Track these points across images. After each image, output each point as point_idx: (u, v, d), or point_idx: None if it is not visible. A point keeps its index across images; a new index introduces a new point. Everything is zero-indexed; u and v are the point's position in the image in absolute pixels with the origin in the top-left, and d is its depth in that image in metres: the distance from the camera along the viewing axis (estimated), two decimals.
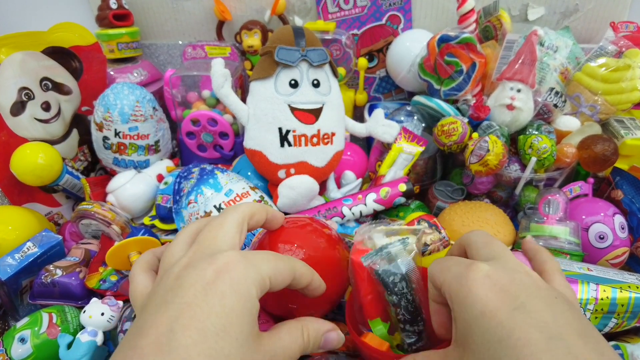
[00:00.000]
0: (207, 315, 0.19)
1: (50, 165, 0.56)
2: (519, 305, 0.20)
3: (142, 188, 0.60)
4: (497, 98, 0.58)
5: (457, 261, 0.24)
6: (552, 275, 0.25)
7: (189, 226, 0.27)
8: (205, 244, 0.23)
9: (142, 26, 0.81)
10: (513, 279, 0.22)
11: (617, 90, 0.59)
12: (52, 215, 0.62)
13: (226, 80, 0.53)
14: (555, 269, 0.26)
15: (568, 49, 0.63)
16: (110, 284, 0.50)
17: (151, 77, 0.77)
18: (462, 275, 0.22)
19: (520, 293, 0.21)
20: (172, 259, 0.24)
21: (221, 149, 0.67)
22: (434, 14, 0.75)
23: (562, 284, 0.25)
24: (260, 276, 0.22)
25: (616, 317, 0.39)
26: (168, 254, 0.25)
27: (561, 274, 0.25)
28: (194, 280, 0.20)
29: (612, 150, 0.52)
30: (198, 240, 0.24)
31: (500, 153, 0.52)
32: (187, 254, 0.23)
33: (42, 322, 0.43)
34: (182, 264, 0.22)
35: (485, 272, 0.22)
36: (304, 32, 0.52)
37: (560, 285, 0.24)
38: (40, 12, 0.83)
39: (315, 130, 0.53)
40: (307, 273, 0.26)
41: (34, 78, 0.57)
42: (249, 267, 0.22)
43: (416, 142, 0.59)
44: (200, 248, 0.23)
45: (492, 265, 0.23)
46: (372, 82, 0.81)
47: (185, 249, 0.25)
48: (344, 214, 0.56)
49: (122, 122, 0.59)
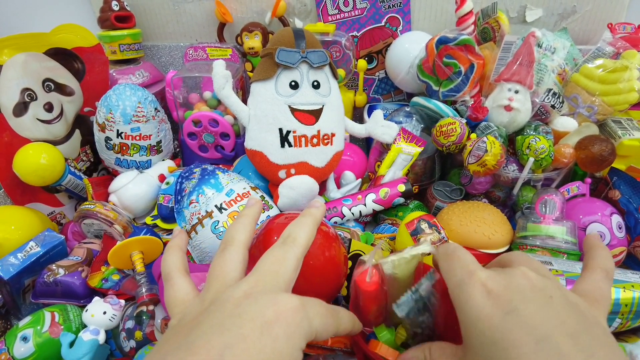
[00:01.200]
0: (258, 353, 0.20)
1: (53, 165, 0.56)
2: (511, 310, 0.21)
3: (144, 188, 0.61)
4: (495, 99, 0.58)
5: (462, 265, 0.25)
6: (590, 272, 0.25)
7: (239, 238, 0.27)
8: (267, 278, 0.24)
9: (144, 28, 0.81)
10: (509, 284, 0.23)
11: (614, 91, 0.60)
12: (55, 215, 0.63)
13: (227, 82, 0.54)
14: (595, 267, 0.26)
15: (566, 50, 0.64)
16: (112, 283, 0.50)
17: (153, 79, 0.78)
18: (463, 282, 0.24)
19: (514, 297, 0.22)
20: (228, 279, 0.25)
21: (222, 149, 0.67)
22: (433, 15, 0.76)
23: (594, 284, 0.25)
24: (311, 330, 0.23)
25: (620, 317, 0.39)
26: (222, 272, 0.25)
27: (602, 273, 0.25)
28: (254, 315, 0.21)
29: (609, 150, 0.52)
30: (259, 270, 0.24)
31: (498, 153, 0.52)
32: (248, 282, 0.23)
33: (45, 321, 0.44)
34: (243, 292, 0.23)
35: (483, 279, 0.23)
36: (304, 34, 0.52)
37: (588, 283, 0.25)
38: (42, 14, 0.84)
39: (316, 131, 0.54)
40: (349, 323, 0.27)
41: (36, 79, 0.57)
42: (304, 319, 0.22)
43: (415, 143, 0.60)
44: (262, 281, 0.24)
45: (492, 272, 0.24)
46: (372, 83, 0.81)
47: (240, 270, 0.25)
48: (343, 214, 0.56)
49: (124, 122, 0.59)
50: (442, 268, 0.27)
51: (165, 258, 0.28)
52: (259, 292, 0.22)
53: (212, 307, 0.22)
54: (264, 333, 0.20)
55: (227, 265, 0.25)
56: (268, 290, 0.23)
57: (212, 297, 0.23)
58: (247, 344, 0.20)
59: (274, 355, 0.20)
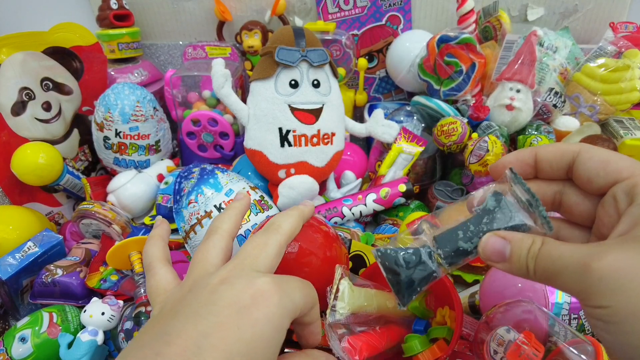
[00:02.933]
0: (236, 340, 0.19)
1: (51, 165, 0.56)
2: None
3: (142, 188, 0.60)
4: (496, 98, 0.58)
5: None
6: None
7: (223, 228, 0.26)
8: (246, 262, 0.23)
9: (143, 26, 0.81)
10: None
11: (616, 91, 0.59)
12: (53, 215, 0.63)
13: (226, 81, 0.53)
14: None
15: (567, 49, 0.63)
16: (110, 283, 0.50)
17: (152, 77, 0.77)
18: None
19: None
20: (208, 265, 0.24)
21: (221, 149, 0.67)
22: (434, 14, 0.75)
23: None
24: (295, 306, 0.22)
25: None
26: (203, 259, 0.24)
27: None
28: (230, 301, 0.20)
29: (611, 150, 0.52)
30: (239, 256, 0.24)
31: (499, 153, 0.52)
32: (227, 267, 0.23)
33: (43, 321, 0.43)
34: (219, 277, 0.22)
35: None
36: (304, 33, 0.52)
37: None
38: (41, 13, 0.83)
39: (315, 131, 0.53)
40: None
41: (34, 78, 0.57)
42: (284, 297, 0.22)
43: (416, 142, 0.59)
44: (240, 265, 0.23)
45: None
46: (372, 82, 0.81)
47: (221, 257, 0.25)
48: (343, 214, 0.56)
49: (122, 122, 0.59)
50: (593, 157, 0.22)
51: (147, 248, 0.27)
52: (235, 277, 0.22)
53: (189, 295, 0.22)
54: (242, 319, 0.20)
55: (209, 252, 0.25)
56: (245, 275, 0.22)
57: (190, 285, 0.23)
58: (224, 331, 0.19)
59: (254, 340, 0.20)
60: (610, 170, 0.21)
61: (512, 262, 0.21)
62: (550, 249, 0.20)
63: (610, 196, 0.21)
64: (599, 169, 0.22)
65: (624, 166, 0.21)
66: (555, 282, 0.20)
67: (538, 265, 0.20)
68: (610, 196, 0.21)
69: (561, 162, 0.23)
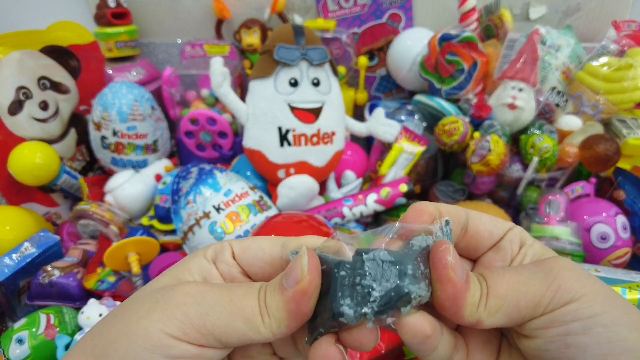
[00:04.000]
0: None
1: (48, 164, 0.55)
2: None
3: (140, 188, 0.60)
4: (498, 97, 0.58)
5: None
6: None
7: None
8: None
9: (141, 25, 0.80)
10: None
11: (619, 90, 0.59)
12: (50, 215, 0.62)
13: (225, 79, 0.53)
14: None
15: (570, 48, 0.63)
16: (108, 284, 0.49)
17: (149, 76, 0.77)
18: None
19: None
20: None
21: (220, 148, 0.66)
22: (435, 12, 0.75)
23: None
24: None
25: None
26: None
27: None
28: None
29: (614, 150, 0.52)
30: None
31: (501, 153, 0.51)
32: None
33: (40, 323, 0.43)
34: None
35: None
36: (303, 31, 0.52)
37: None
38: (38, 11, 0.83)
39: (315, 130, 0.53)
40: None
41: (31, 77, 0.56)
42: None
43: (417, 142, 0.59)
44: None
45: None
46: (373, 81, 0.80)
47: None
48: (344, 215, 0.55)
49: (120, 121, 0.58)
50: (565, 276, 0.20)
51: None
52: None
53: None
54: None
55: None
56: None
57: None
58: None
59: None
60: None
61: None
62: None
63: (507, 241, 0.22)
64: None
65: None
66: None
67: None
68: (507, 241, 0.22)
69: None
